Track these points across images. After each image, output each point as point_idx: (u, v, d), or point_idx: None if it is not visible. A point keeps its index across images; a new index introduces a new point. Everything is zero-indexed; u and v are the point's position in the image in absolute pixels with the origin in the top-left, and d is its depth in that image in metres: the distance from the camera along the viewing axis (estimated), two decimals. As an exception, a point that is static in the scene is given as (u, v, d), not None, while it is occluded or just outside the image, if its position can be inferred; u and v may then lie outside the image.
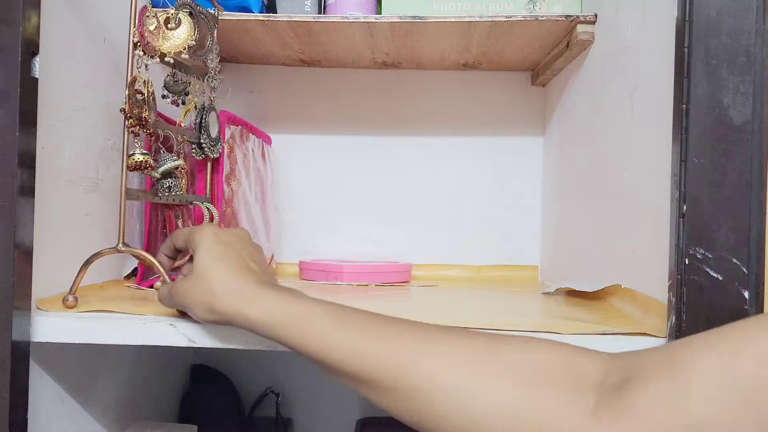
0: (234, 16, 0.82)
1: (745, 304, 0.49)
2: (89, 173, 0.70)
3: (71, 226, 0.66)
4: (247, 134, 0.89)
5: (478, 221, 1.09)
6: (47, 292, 0.61)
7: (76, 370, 0.69)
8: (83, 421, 0.71)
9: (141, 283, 0.78)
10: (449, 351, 0.42)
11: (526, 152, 1.09)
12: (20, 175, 0.53)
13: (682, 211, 0.50)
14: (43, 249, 0.60)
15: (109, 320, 0.56)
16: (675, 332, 0.50)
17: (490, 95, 1.08)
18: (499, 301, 0.75)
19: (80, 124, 0.67)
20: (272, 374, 1.11)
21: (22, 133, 0.53)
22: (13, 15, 0.52)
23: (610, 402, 0.36)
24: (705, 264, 0.50)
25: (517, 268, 1.08)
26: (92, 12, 0.69)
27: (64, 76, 0.64)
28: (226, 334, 0.55)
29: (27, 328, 0.55)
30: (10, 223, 0.53)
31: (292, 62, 1.05)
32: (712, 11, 0.50)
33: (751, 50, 0.50)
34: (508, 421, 0.38)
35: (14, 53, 0.53)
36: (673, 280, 0.51)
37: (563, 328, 0.55)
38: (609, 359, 0.41)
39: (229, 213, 0.80)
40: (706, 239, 0.49)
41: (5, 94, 0.52)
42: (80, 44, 0.67)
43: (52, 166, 0.62)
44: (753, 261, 0.49)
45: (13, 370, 0.53)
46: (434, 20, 0.81)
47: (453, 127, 1.09)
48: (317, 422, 1.12)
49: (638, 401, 0.35)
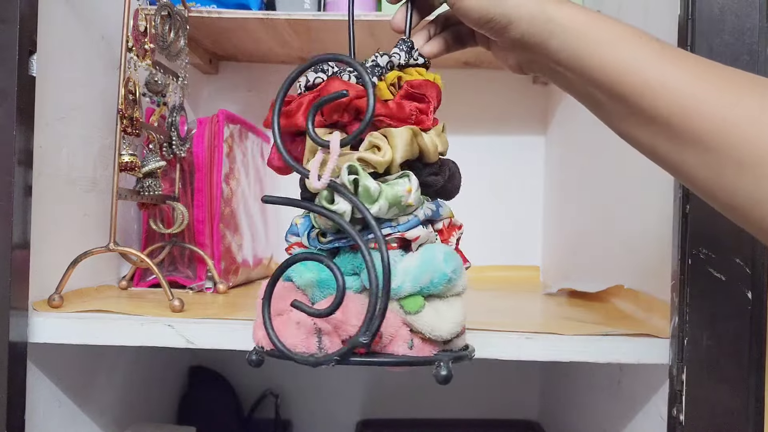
0: (233, 14, 0.82)
1: (748, 305, 0.49)
2: (87, 173, 0.70)
3: (69, 226, 0.66)
4: (246, 133, 0.88)
5: (480, 221, 1.09)
6: (45, 293, 0.60)
7: (73, 370, 0.68)
8: (81, 422, 0.71)
9: (138, 283, 0.78)
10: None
11: (527, 151, 1.08)
12: (18, 175, 0.53)
13: (685, 210, 0.50)
14: (41, 249, 0.60)
15: (107, 321, 0.56)
16: (678, 333, 0.50)
17: (492, 94, 1.08)
18: (501, 302, 0.74)
19: (78, 123, 0.67)
20: (271, 375, 1.11)
21: (20, 132, 0.53)
22: (10, 13, 0.52)
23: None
24: (708, 264, 0.49)
25: (519, 269, 1.07)
26: (89, 9, 0.69)
27: (62, 74, 0.63)
28: (225, 335, 0.55)
29: (24, 329, 0.55)
30: (8, 222, 0.52)
31: (291, 60, 1.05)
32: (715, 9, 0.50)
33: (755, 48, 0.49)
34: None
35: (11, 51, 0.52)
36: (676, 281, 0.50)
37: (565, 328, 0.55)
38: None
39: (228, 212, 0.80)
40: (710, 239, 0.49)
41: (2, 92, 0.52)
42: (77, 42, 0.66)
43: (50, 166, 0.61)
44: (756, 261, 0.49)
45: (11, 370, 0.53)
46: (435, 19, 0.81)
47: (454, 126, 1.08)
48: (317, 423, 1.11)
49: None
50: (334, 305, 0.38)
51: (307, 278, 0.41)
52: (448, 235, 0.45)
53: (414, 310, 0.40)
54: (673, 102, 0.35)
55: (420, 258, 0.41)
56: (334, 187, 0.39)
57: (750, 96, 0.34)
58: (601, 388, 0.74)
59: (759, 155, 0.32)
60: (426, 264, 0.40)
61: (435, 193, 0.45)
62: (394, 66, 0.44)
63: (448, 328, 0.41)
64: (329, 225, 0.41)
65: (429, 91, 0.43)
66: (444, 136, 0.45)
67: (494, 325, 0.55)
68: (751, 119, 0.33)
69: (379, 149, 0.41)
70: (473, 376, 1.08)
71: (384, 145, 0.40)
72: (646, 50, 0.36)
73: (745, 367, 0.49)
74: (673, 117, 0.35)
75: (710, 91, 0.34)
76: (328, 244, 0.42)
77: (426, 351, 0.41)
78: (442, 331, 0.41)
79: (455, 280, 0.41)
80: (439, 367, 0.39)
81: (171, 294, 0.60)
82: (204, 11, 0.81)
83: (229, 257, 0.80)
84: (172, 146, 0.72)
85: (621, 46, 0.37)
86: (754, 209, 0.33)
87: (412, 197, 0.40)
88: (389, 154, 0.40)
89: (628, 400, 0.63)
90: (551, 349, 0.53)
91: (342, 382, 1.11)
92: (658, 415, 0.54)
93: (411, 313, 0.40)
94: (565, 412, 0.92)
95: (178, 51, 0.71)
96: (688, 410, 0.49)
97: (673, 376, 0.51)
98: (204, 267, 0.77)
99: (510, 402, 1.08)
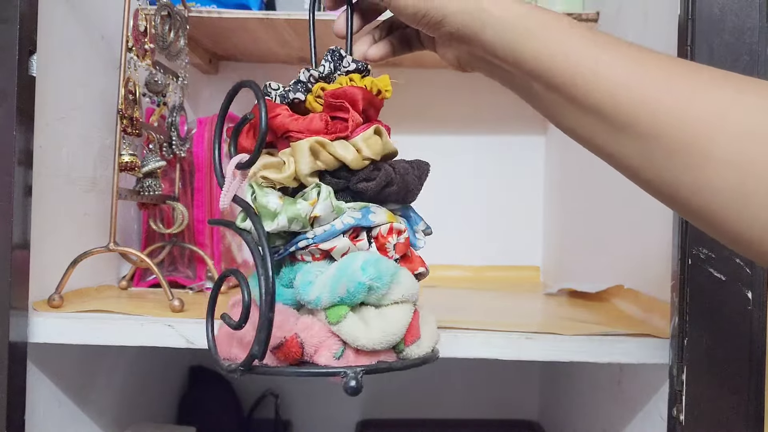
0: (233, 14, 0.82)
1: (748, 305, 0.49)
2: (87, 173, 0.70)
3: (69, 225, 0.66)
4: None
5: (480, 221, 1.09)
6: (45, 293, 0.60)
7: (73, 370, 0.68)
8: (81, 422, 0.71)
9: (138, 283, 0.78)
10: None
11: (528, 151, 1.08)
12: (18, 175, 0.53)
13: (686, 210, 0.50)
14: (41, 249, 0.60)
15: (107, 321, 0.56)
16: (678, 333, 0.50)
17: (492, 94, 1.08)
18: (501, 302, 0.74)
19: (78, 123, 0.67)
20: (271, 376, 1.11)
21: (20, 131, 0.53)
22: (10, 13, 0.52)
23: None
24: (708, 264, 0.49)
25: (519, 269, 1.07)
26: (90, 10, 0.69)
27: (62, 74, 0.63)
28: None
29: (24, 329, 0.55)
30: (8, 222, 0.52)
31: (291, 60, 1.05)
32: (715, 9, 0.50)
33: (755, 48, 0.49)
34: None
35: (11, 51, 0.52)
36: (676, 281, 0.50)
37: (565, 328, 0.55)
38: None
39: (228, 212, 0.80)
40: (710, 239, 0.49)
41: (2, 92, 0.52)
42: (78, 42, 0.66)
43: (50, 166, 0.61)
44: (756, 261, 0.49)
45: (11, 370, 0.53)
46: (435, 19, 0.81)
47: (454, 126, 1.09)
48: (316, 424, 1.11)
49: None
50: (242, 319, 0.37)
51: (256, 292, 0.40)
52: (384, 241, 0.43)
53: (334, 320, 0.40)
54: (605, 89, 0.34)
55: (336, 268, 0.40)
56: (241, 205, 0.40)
57: (681, 82, 0.33)
58: (601, 388, 0.74)
59: (687, 142, 0.32)
60: (340, 273, 0.39)
61: (376, 199, 0.43)
62: (317, 79, 0.43)
63: (374, 337, 0.39)
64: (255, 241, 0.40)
65: (350, 98, 0.42)
66: (378, 140, 0.42)
67: (494, 325, 0.55)
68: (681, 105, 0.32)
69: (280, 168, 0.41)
70: (473, 376, 1.08)
71: (289, 160, 0.41)
72: (576, 38, 0.36)
73: (745, 367, 0.49)
74: (606, 105, 0.34)
75: (641, 77, 0.34)
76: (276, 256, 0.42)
77: (361, 360, 0.40)
78: (364, 340, 0.39)
79: (379, 289, 0.40)
80: (345, 377, 0.38)
81: (171, 294, 0.60)
82: (204, 11, 0.81)
83: (229, 257, 0.80)
84: (172, 146, 0.72)
85: (552, 34, 0.36)
86: (691, 200, 0.33)
87: (318, 209, 0.40)
88: (291, 169, 0.40)
89: (628, 400, 0.63)
90: (551, 349, 0.53)
91: (342, 382, 1.10)
92: (658, 415, 0.54)
93: (332, 323, 0.40)
94: (565, 412, 0.92)
95: (178, 51, 0.71)
96: (688, 410, 0.49)
97: (673, 376, 0.51)
98: (204, 267, 0.78)
99: (510, 402, 1.08)
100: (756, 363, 0.49)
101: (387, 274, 0.40)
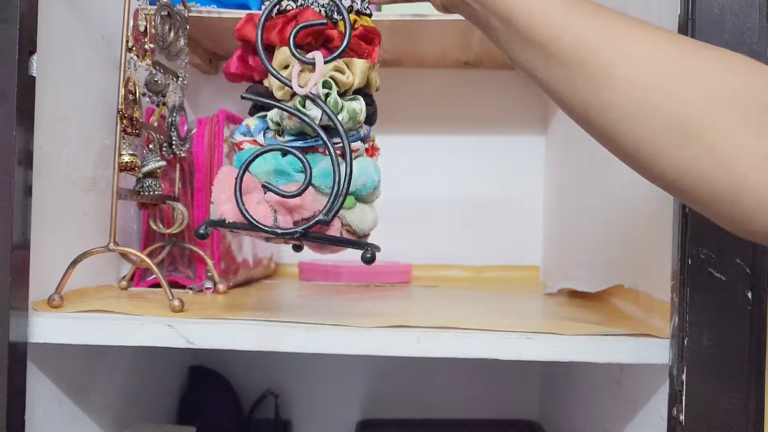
0: (233, 13, 0.82)
1: (748, 305, 0.49)
2: (87, 173, 0.70)
3: (69, 226, 0.66)
4: (246, 134, 0.88)
5: (479, 221, 1.09)
6: (45, 293, 0.60)
7: (73, 371, 0.68)
8: (81, 422, 0.71)
9: (138, 283, 0.78)
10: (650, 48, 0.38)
11: (527, 151, 1.08)
12: (18, 175, 0.53)
13: (686, 210, 0.50)
14: (41, 249, 0.60)
15: (107, 321, 0.56)
16: (678, 333, 0.50)
17: (492, 93, 1.08)
18: (500, 302, 0.74)
19: (78, 123, 0.67)
20: (271, 375, 1.11)
21: (20, 132, 0.53)
22: (10, 13, 0.52)
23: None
24: (708, 264, 0.49)
25: (519, 269, 1.07)
26: (90, 9, 0.69)
27: (62, 74, 0.63)
28: (225, 335, 0.55)
29: (24, 329, 0.55)
30: (8, 222, 0.52)
31: (291, 61, 1.05)
32: (715, 9, 0.50)
33: (755, 48, 0.49)
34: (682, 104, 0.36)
35: (11, 51, 0.52)
36: (676, 281, 0.50)
37: (565, 328, 0.55)
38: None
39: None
40: (710, 239, 0.49)
41: (2, 92, 0.52)
42: (78, 42, 0.66)
43: (50, 166, 0.61)
44: (757, 261, 0.49)
45: (11, 371, 0.53)
46: (435, 18, 0.81)
47: (454, 125, 1.09)
48: (317, 424, 1.11)
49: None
50: (302, 189, 0.48)
51: (265, 168, 0.50)
52: (372, 153, 0.57)
53: (348, 206, 0.52)
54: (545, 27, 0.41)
55: (358, 165, 0.52)
56: (312, 97, 0.49)
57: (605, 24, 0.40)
58: (601, 388, 0.74)
59: (600, 67, 0.38)
60: (362, 171, 0.52)
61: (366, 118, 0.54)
62: (353, 9, 0.53)
63: (369, 224, 0.55)
64: (295, 126, 0.51)
65: (376, 36, 0.54)
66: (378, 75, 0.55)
67: (494, 325, 0.55)
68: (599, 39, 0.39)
69: (343, 73, 0.51)
70: (473, 376, 1.08)
71: (347, 70, 0.51)
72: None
73: (745, 367, 0.49)
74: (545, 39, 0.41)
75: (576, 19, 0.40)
76: (287, 143, 0.51)
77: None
78: (364, 225, 0.54)
79: (378, 188, 0.55)
80: (366, 250, 0.50)
81: (171, 294, 0.60)
82: (204, 11, 0.81)
83: (228, 257, 0.80)
84: (172, 146, 0.72)
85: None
86: (599, 118, 0.40)
87: (362, 115, 0.51)
88: (352, 78, 0.51)
89: (628, 400, 0.63)
90: (551, 349, 0.53)
91: (342, 382, 1.11)
92: (658, 415, 0.54)
93: (345, 208, 0.52)
94: (565, 412, 0.92)
95: (178, 51, 0.72)
96: (688, 410, 0.49)
97: (673, 376, 0.51)
98: (204, 267, 0.78)
99: (510, 402, 1.08)
100: (756, 363, 0.49)
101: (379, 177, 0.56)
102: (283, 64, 0.51)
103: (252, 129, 0.53)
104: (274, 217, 0.49)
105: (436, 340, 0.54)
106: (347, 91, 0.51)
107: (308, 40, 0.51)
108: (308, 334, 0.54)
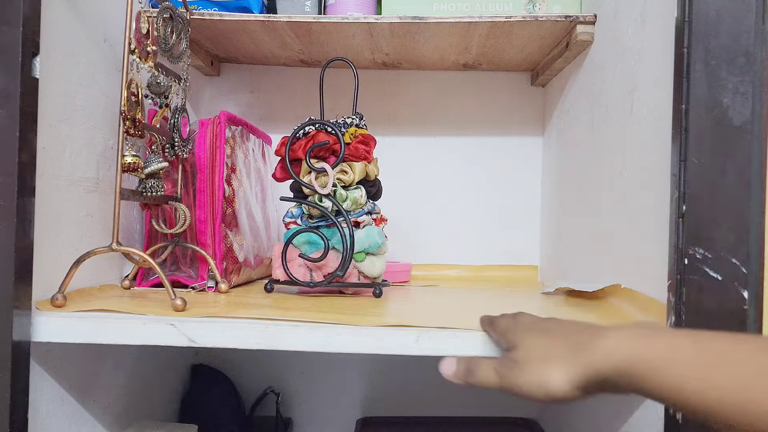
0: (234, 16, 0.82)
1: (744, 304, 0.49)
2: (90, 173, 0.70)
3: (72, 226, 0.67)
4: (247, 134, 0.89)
5: (478, 221, 1.09)
6: (48, 292, 0.61)
7: (76, 369, 0.69)
8: (83, 420, 0.71)
9: (141, 283, 0.78)
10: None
11: (525, 152, 1.09)
12: (21, 176, 0.53)
13: (682, 211, 0.50)
14: (44, 249, 0.60)
15: (109, 320, 0.57)
16: (674, 332, 0.50)
17: (490, 95, 1.08)
18: (499, 301, 0.75)
19: (81, 124, 0.68)
20: (272, 374, 1.11)
21: (23, 133, 0.54)
22: (13, 15, 0.53)
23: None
24: (704, 264, 0.50)
25: (517, 268, 1.08)
26: (92, 12, 0.69)
27: (65, 76, 0.64)
28: (227, 334, 0.56)
29: (27, 328, 0.56)
30: (11, 223, 0.53)
31: (292, 62, 1.05)
32: (711, 12, 0.50)
33: (751, 50, 0.50)
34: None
35: (15, 53, 0.53)
36: (672, 280, 0.51)
37: (563, 327, 0.55)
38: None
39: (230, 212, 0.81)
40: (706, 239, 0.50)
41: (6, 94, 0.53)
42: (80, 44, 0.67)
43: (53, 167, 0.62)
44: (752, 261, 0.49)
45: (14, 369, 0.53)
46: (434, 20, 0.82)
47: (453, 127, 1.09)
48: (317, 422, 1.12)
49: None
50: (323, 255, 0.73)
51: (302, 240, 0.75)
52: (379, 223, 0.78)
53: (359, 260, 0.74)
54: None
55: (365, 232, 0.74)
56: (326, 194, 0.73)
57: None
58: (599, 386, 0.74)
59: None
60: (368, 236, 0.74)
61: (371, 197, 0.77)
62: (353, 124, 0.76)
63: (377, 271, 0.76)
64: (316, 213, 0.75)
65: (371, 140, 0.76)
66: (377, 166, 0.77)
67: (493, 324, 0.55)
68: None
69: (346, 173, 0.74)
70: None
71: (349, 170, 0.74)
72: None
73: (741, 366, 0.49)
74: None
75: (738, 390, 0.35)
76: (314, 223, 0.75)
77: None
78: (374, 272, 0.75)
79: (383, 246, 0.76)
80: (376, 288, 0.73)
81: (173, 293, 0.61)
82: (205, 14, 0.82)
83: (230, 257, 0.80)
84: (175, 147, 0.73)
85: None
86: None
87: (362, 200, 0.74)
88: (353, 176, 0.74)
89: (626, 399, 0.64)
90: (549, 348, 0.53)
91: (342, 380, 1.11)
92: (656, 414, 0.55)
93: (358, 261, 0.74)
94: (564, 411, 0.93)
95: (180, 53, 0.72)
96: (684, 408, 0.50)
97: (669, 375, 0.51)
98: (206, 266, 0.78)
99: (509, 400, 1.09)
100: (751, 362, 0.49)
101: (385, 240, 0.77)
102: (306, 171, 0.74)
103: (294, 214, 0.77)
104: (310, 274, 0.75)
105: (436, 339, 0.54)
106: (351, 184, 0.74)
107: (321, 153, 0.74)
108: (309, 333, 0.55)
